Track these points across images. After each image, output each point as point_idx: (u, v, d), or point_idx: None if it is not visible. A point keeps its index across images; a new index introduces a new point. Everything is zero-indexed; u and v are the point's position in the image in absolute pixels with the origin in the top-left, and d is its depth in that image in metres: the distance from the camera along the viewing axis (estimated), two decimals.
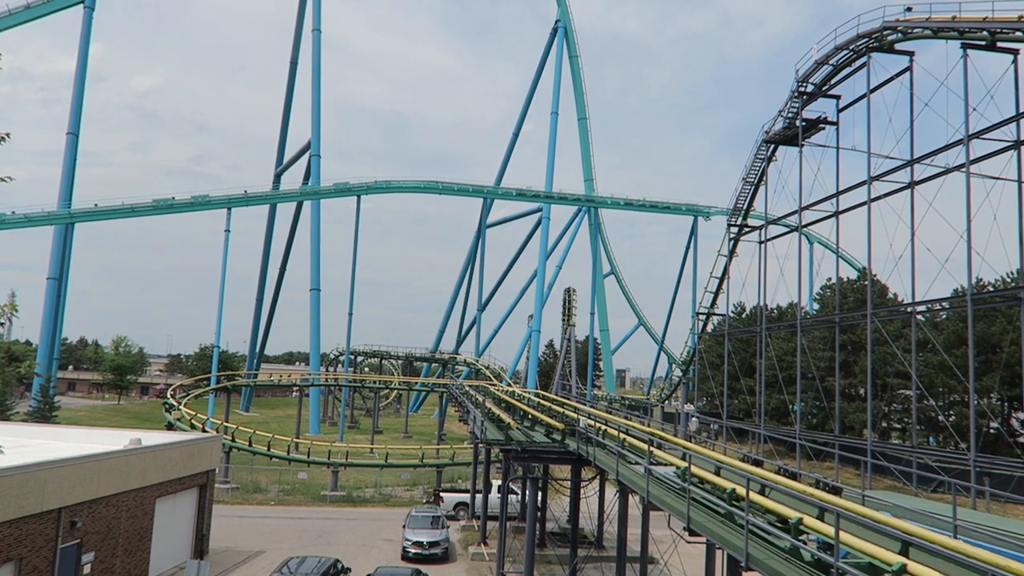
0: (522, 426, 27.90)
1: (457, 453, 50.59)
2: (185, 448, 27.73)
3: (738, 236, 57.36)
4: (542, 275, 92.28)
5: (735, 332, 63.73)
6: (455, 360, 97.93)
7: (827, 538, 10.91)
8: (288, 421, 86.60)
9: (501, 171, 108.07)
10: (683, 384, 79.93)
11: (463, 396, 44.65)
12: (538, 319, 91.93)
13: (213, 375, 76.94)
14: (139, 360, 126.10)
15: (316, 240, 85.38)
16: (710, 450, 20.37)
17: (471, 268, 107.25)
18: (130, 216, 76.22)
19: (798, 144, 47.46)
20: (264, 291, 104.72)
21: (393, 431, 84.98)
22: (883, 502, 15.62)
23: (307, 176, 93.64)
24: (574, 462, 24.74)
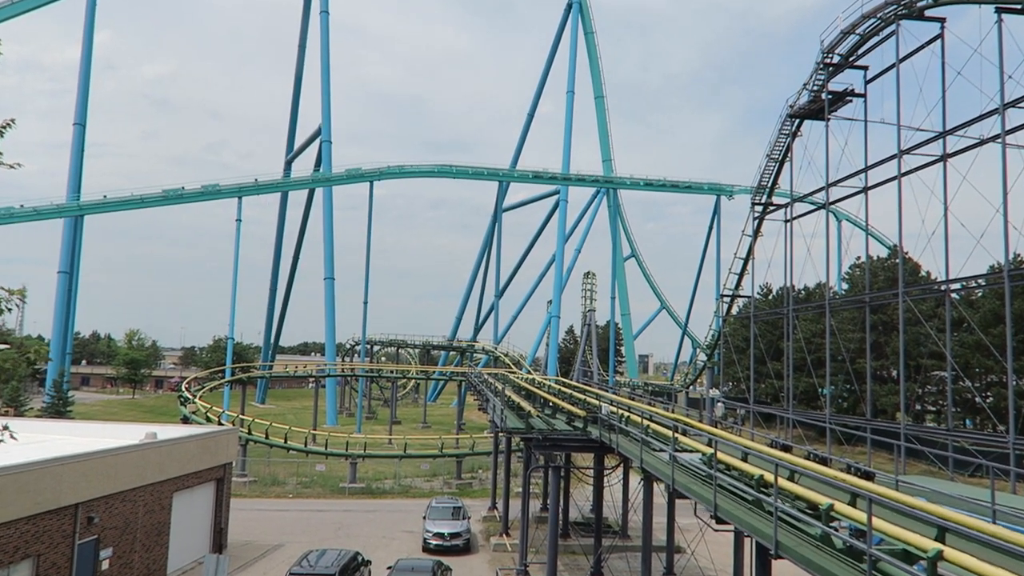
0: (543, 414, 27.94)
1: (477, 442, 50.83)
2: (201, 441, 28.04)
3: (763, 215, 56.87)
4: (560, 259, 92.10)
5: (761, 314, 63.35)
6: (473, 348, 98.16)
7: (859, 524, 10.83)
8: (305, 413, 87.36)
9: (517, 153, 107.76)
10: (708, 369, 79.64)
11: (482, 384, 44.77)
12: (557, 304, 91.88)
13: (228, 367, 77.70)
14: (153, 353, 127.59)
15: (329, 228, 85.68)
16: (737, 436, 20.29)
17: (488, 253, 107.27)
18: (140, 207, 76.85)
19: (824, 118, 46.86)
20: (277, 281, 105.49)
21: (411, 421, 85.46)
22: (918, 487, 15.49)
23: (318, 162, 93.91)
24: (597, 450, 24.75)
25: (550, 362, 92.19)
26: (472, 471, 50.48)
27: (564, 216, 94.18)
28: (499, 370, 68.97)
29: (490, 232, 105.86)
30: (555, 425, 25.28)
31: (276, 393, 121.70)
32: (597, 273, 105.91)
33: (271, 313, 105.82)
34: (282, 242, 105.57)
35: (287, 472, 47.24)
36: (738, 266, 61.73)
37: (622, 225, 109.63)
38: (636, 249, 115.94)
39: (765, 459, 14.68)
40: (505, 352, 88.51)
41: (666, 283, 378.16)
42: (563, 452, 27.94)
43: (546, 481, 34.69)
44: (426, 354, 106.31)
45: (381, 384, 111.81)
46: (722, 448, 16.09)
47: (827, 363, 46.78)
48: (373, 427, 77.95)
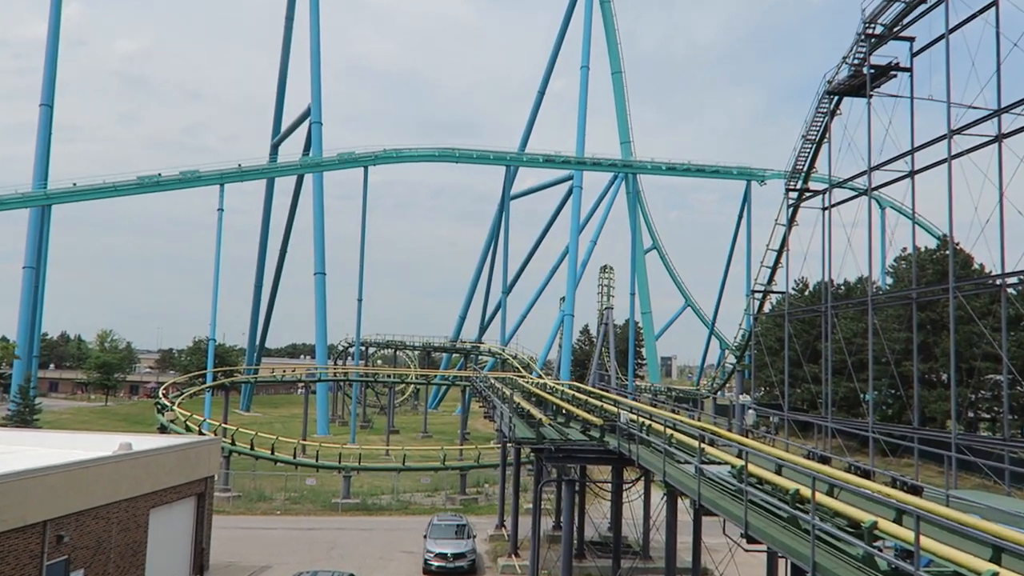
0: (555, 422, 27.95)
1: (483, 454, 50.91)
2: (180, 453, 28.17)
3: (798, 202, 56.68)
4: (574, 252, 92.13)
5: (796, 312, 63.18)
6: (478, 350, 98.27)
7: (906, 544, 10.80)
8: (293, 421, 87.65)
9: (526, 135, 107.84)
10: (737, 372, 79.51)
11: (488, 390, 44.81)
12: (571, 302, 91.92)
13: (209, 371, 78.04)
14: (127, 356, 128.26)
15: (320, 218, 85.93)
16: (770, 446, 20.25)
17: (494, 246, 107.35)
18: (112, 195, 77.20)
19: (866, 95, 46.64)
20: (263, 277, 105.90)
21: (410, 430, 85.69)
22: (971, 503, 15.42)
23: (308, 146, 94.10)
24: (615, 462, 24.76)
25: (563, 365, 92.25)
26: (478, 485, 50.54)
27: (578, 204, 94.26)
28: (507, 374, 69.02)
29: (497, 222, 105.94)
30: (569, 435, 25.29)
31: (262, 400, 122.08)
32: (615, 267, 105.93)
33: (256, 312, 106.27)
34: (268, 234, 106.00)
35: (274, 486, 47.42)
36: (771, 259, 61.56)
37: (642, 214, 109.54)
38: (658, 240, 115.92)
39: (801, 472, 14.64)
40: (513, 354, 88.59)
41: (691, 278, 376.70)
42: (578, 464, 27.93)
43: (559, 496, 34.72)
44: (426, 357, 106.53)
45: (377, 390, 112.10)
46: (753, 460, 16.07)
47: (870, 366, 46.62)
48: (368, 437, 78.15)
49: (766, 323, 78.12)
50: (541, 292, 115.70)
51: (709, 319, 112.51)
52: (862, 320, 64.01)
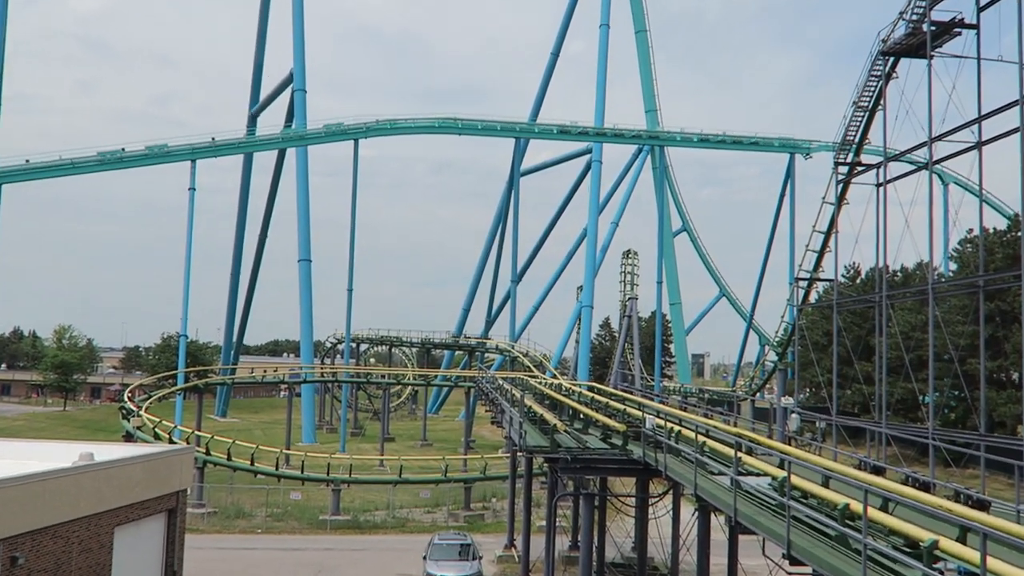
0: (572, 428, 27.97)
1: (490, 464, 50.99)
2: (149, 464, 28.30)
3: (849, 178, 56.43)
4: (594, 235, 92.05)
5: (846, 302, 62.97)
6: (484, 346, 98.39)
7: (971, 566, 10.77)
8: (276, 428, 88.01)
9: (538, 103, 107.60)
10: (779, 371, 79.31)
11: (496, 392, 44.86)
12: (589, 292, 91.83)
13: (180, 372, 78.33)
14: (88, 355, 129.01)
15: (304, 198, 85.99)
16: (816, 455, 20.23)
17: (503, 229, 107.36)
18: (71, 173, 77.45)
19: (926, 55, 46.32)
20: (241, 265, 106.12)
21: (408, 438, 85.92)
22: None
23: (290, 117, 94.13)
24: (640, 473, 24.75)
25: (581, 364, 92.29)
26: (484, 500, 50.65)
27: (598, 181, 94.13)
28: (517, 374, 69.07)
29: (505, 202, 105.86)
30: (587, 442, 25.31)
31: (240, 404, 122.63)
32: (639, 252, 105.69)
33: (233, 305, 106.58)
34: (246, 217, 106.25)
35: (255, 502, 47.64)
36: (817, 242, 61.35)
37: (671, 192, 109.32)
38: (688, 222, 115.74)
39: (852, 484, 14.61)
40: (524, 352, 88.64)
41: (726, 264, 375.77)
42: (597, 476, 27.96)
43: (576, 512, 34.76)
44: (426, 354, 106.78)
45: (370, 392, 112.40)
46: (797, 471, 16.05)
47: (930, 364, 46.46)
48: (360, 445, 78.40)
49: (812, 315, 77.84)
50: (556, 281, 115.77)
51: (747, 311, 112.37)
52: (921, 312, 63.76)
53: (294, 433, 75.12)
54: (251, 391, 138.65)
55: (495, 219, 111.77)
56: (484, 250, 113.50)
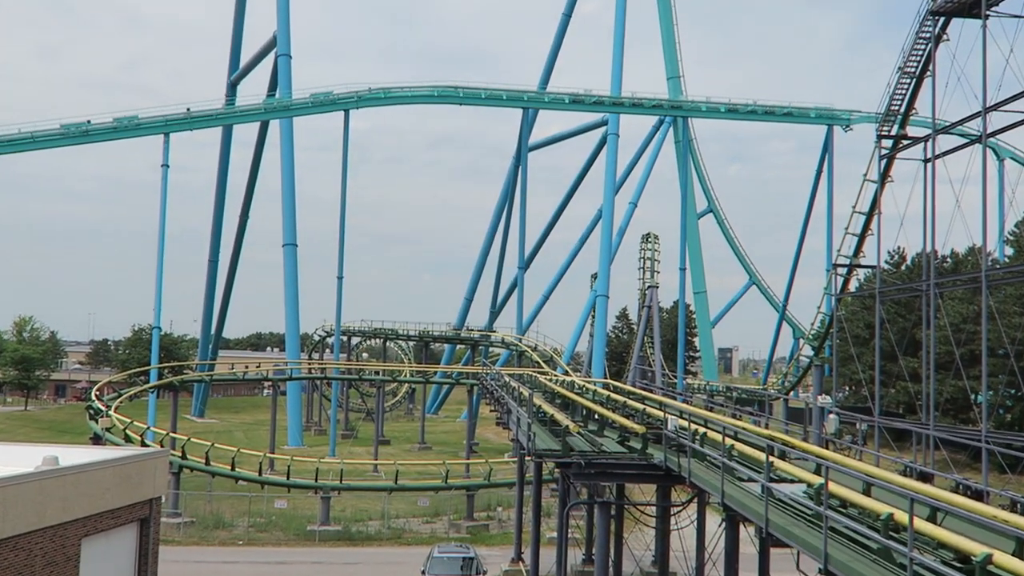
0: (586, 430, 27.98)
1: (495, 470, 51.08)
2: (119, 469, 28.39)
3: (893, 152, 56.23)
4: (609, 217, 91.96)
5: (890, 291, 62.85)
6: (488, 340, 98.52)
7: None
8: (259, 429, 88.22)
9: (548, 70, 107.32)
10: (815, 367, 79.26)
11: (501, 390, 44.90)
12: (605, 279, 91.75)
13: (153, 367, 78.55)
14: (51, 349, 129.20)
15: (289, 176, 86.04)
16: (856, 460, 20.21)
17: (509, 210, 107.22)
18: (31, 148, 77.50)
19: (980, 15, 46.08)
20: (220, 250, 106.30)
21: (405, 440, 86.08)
22: None
23: (273, 85, 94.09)
24: (661, 480, 24.76)
25: (595, 359, 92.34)
26: (489, 509, 50.78)
27: (614, 156, 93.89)
28: (525, 370, 69.15)
29: (511, 180, 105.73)
30: (603, 445, 25.32)
31: (219, 403, 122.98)
32: (660, 235, 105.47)
33: (211, 294, 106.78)
34: (225, 197, 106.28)
35: (236, 511, 47.79)
36: (858, 224, 61.18)
37: (695, 168, 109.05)
38: (715, 202, 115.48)
39: (896, 492, 14.59)
40: (533, 345, 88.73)
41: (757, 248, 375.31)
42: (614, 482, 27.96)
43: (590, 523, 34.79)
44: (424, 349, 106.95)
45: (363, 390, 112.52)
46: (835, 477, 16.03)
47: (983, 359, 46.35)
48: (352, 448, 78.60)
49: (852, 305, 77.67)
50: (567, 267, 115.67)
51: (779, 301, 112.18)
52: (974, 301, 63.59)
53: (279, 435, 75.24)
54: (231, 389, 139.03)
55: (500, 199, 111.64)
56: (488, 233, 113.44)
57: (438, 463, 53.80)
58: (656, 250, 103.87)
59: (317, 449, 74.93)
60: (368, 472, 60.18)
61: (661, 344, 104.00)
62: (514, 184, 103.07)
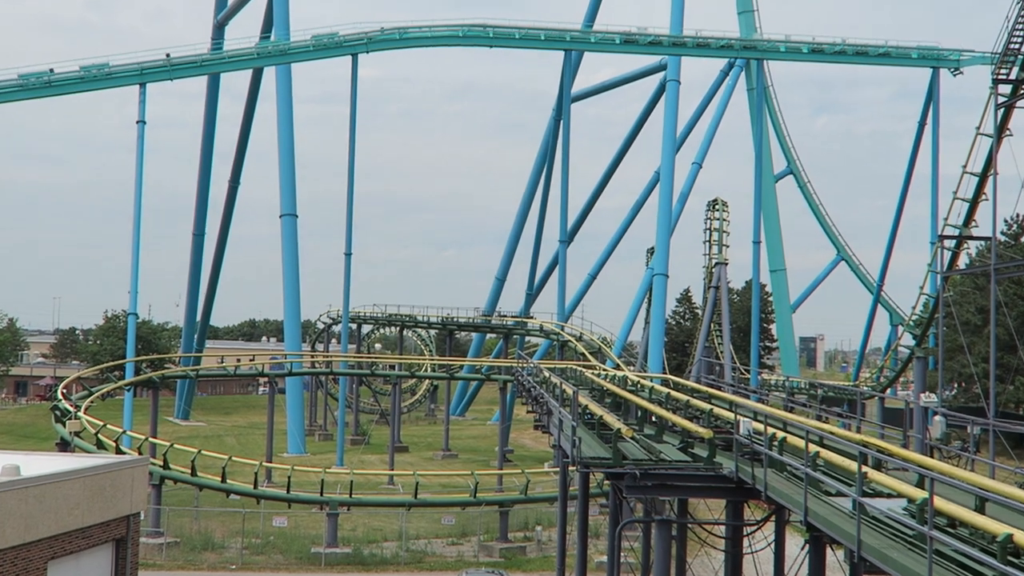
0: (641, 435, 27.95)
1: (533, 482, 51.14)
2: (90, 480, 28.67)
3: (1012, 100, 55.53)
4: (669, 180, 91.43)
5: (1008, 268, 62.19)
6: (525, 327, 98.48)
7: None
8: (253, 434, 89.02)
9: (594, 4, 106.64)
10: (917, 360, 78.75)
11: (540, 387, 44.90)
12: (664, 255, 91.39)
13: (129, 361, 79.07)
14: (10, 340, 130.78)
15: (287, 135, 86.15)
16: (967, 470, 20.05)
17: (548, 172, 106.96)
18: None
19: None
20: (206, 222, 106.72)
21: (425, 447, 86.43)
22: None
23: (267, 25, 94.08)
24: (731, 493, 24.68)
25: (652, 350, 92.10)
26: (526, 528, 50.85)
27: (674, 108, 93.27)
28: (568, 363, 69.07)
29: (551, 137, 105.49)
30: (662, 453, 25.30)
31: (207, 403, 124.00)
32: (731, 202, 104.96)
33: (196, 274, 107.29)
34: (212, 159, 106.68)
35: (227, 529, 48.15)
36: (969, 188, 60.54)
37: (772, 122, 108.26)
38: (795, 162, 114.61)
39: (1016, 509, 14.47)
40: (578, 334, 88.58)
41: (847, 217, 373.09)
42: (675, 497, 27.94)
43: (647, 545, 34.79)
44: (448, 338, 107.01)
45: (376, 387, 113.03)
46: (941, 491, 15.93)
47: None
48: (364, 457, 78.93)
49: (962, 285, 76.96)
50: (618, 242, 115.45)
51: (874, 280, 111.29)
52: None
53: (277, 441, 75.80)
54: (221, 386, 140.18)
55: (538, 160, 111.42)
56: (524, 200, 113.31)
57: (465, 474, 53.97)
58: (725, 220, 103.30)
59: (322, 457, 75.33)
60: (382, 484, 60.48)
61: (731, 332, 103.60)
62: (555, 141, 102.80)
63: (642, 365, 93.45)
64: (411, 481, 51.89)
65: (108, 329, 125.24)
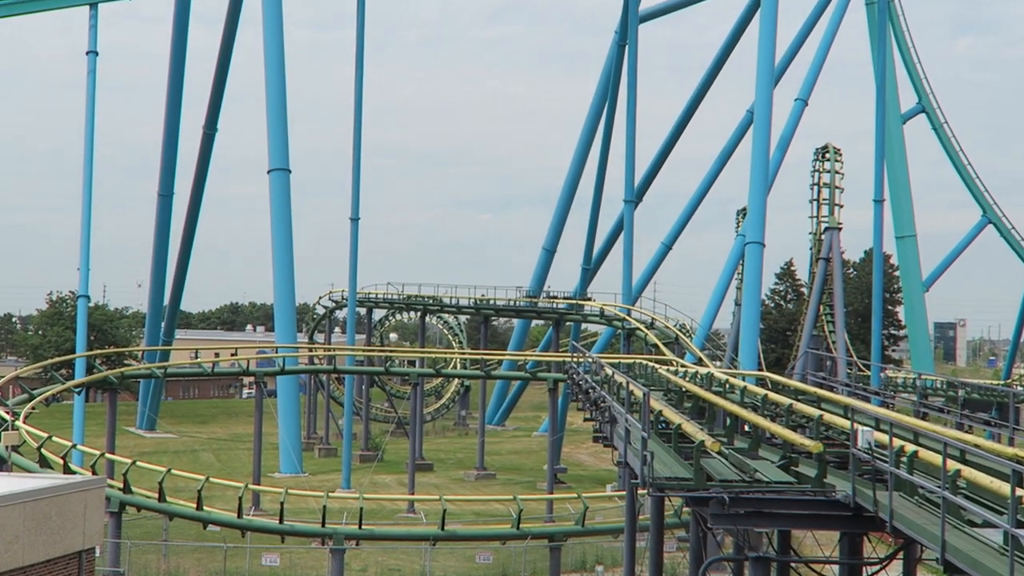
0: (730, 448, 27.95)
1: (592, 509, 51.23)
2: (33, 507, 28.97)
3: None
4: (765, 121, 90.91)
5: None
6: (581, 312, 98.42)
7: None
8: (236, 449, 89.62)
9: None
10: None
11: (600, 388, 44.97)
12: (759, 218, 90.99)
13: (80, 356, 79.71)
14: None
15: (277, 70, 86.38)
16: None
17: (609, 115, 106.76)
18: None
19: None
20: (175, 179, 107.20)
21: (455, 465, 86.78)
22: None
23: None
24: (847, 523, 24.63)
25: (744, 340, 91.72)
26: (583, 568, 50.97)
27: (772, 28, 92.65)
28: (636, 357, 69.03)
29: (613, 69, 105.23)
30: (757, 472, 25.30)
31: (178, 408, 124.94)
32: (845, 150, 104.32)
33: (163, 246, 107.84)
34: (181, 99, 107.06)
35: (204, 569, 48.52)
36: None
37: (898, 46, 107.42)
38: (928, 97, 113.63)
39: None
40: (648, 321, 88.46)
41: (995, 168, 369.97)
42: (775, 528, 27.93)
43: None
44: (483, 326, 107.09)
45: (391, 389, 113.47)
46: None
47: None
48: (377, 476, 79.32)
49: None
50: (699, 201, 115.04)
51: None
52: None
53: (266, 458, 76.34)
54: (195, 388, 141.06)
55: (596, 99, 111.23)
56: (578, 152, 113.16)
57: (506, 499, 54.21)
58: (838, 173, 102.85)
59: (324, 478, 75.86)
60: (400, 513, 60.79)
61: (845, 317, 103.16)
62: (617, 74, 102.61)
63: (731, 360, 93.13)
64: (437, 508, 52.05)
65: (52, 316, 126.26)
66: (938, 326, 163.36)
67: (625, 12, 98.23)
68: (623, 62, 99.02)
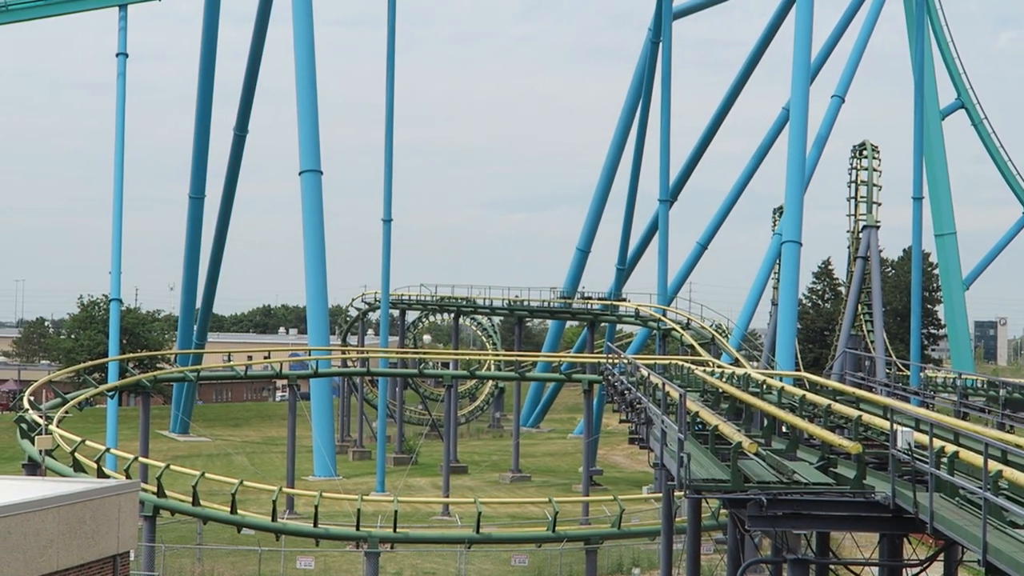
0: (768, 450, 27.95)
1: (628, 511, 51.19)
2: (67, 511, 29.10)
3: None
4: (802, 118, 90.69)
5: None
6: (616, 313, 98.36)
7: None
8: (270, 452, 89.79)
9: None
10: None
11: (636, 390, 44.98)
12: (796, 217, 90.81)
13: (112, 359, 79.96)
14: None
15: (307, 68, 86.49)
16: None
17: (643, 112, 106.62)
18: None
19: None
20: (206, 181, 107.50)
21: (489, 468, 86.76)
22: None
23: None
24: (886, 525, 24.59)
25: (781, 340, 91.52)
26: (620, 571, 50.93)
27: (809, 23, 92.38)
28: (672, 359, 69.00)
29: (647, 65, 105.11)
30: (795, 473, 25.30)
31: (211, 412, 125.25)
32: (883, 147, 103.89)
33: (195, 249, 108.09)
34: (211, 100, 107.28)
35: (239, 572, 48.62)
36: None
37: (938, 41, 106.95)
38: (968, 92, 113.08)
39: None
40: (684, 321, 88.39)
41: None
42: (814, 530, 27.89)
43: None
44: (517, 328, 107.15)
45: (425, 391, 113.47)
46: None
47: None
48: (411, 480, 79.38)
49: None
50: (736, 199, 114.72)
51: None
52: None
53: (300, 461, 76.53)
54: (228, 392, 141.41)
55: (630, 96, 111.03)
56: (612, 149, 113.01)
57: (541, 501, 54.20)
58: (876, 170, 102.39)
59: (358, 481, 75.99)
60: (435, 515, 60.83)
61: (884, 316, 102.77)
62: (651, 71, 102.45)
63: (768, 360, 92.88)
64: (472, 511, 52.13)
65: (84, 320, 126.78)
66: (978, 325, 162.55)
67: (659, 8, 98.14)
68: (657, 59, 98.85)
